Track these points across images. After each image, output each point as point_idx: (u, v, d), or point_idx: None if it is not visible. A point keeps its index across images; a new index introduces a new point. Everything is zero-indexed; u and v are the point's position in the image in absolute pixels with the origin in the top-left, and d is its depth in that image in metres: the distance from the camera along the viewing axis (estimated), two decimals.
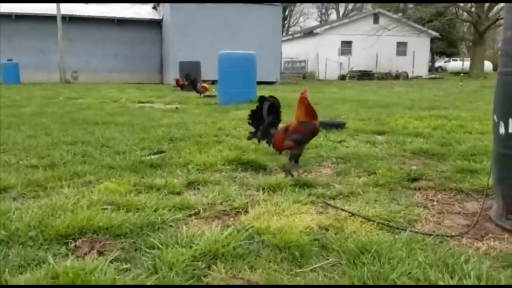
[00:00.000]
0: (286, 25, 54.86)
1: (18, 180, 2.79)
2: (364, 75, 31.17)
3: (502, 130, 2.14)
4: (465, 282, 1.52)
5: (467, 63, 31.63)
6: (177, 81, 15.17)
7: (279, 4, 24.19)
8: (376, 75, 28.50)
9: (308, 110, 3.06)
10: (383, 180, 2.91)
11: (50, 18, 22.72)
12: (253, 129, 3.45)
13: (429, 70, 38.25)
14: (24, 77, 20.11)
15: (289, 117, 3.51)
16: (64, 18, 22.81)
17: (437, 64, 47.06)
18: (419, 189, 2.80)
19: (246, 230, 1.97)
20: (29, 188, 2.67)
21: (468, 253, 1.81)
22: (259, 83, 10.36)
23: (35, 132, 4.83)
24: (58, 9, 21.97)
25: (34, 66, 22.48)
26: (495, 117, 2.22)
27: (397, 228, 2.07)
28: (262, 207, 2.31)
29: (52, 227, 1.94)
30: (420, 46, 33.40)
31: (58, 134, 4.70)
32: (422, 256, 1.70)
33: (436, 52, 43.59)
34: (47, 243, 1.83)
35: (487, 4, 30.99)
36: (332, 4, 57.61)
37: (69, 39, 23.12)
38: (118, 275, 1.57)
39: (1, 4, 22.25)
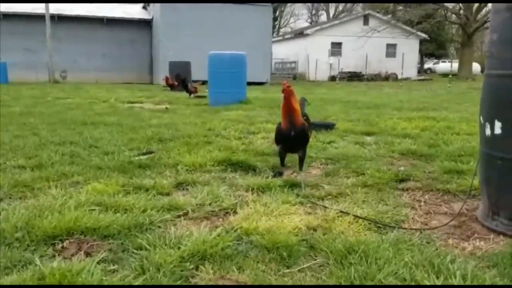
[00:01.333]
0: (277, 26, 54.97)
1: (5, 180, 2.76)
2: (354, 76, 31.32)
3: (488, 131, 2.17)
4: (450, 282, 1.54)
5: (455, 65, 31.96)
6: (166, 79, 15.11)
7: (270, 4, 24.22)
8: (365, 77, 28.65)
9: (284, 108, 2.94)
10: (372, 180, 2.93)
11: (39, 18, 22.50)
12: None
13: (418, 72, 38.56)
14: (12, 77, 19.89)
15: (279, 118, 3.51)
16: (53, 17, 22.59)
17: (426, 66, 47.48)
18: (407, 190, 2.82)
19: (235, 231, 1.97)
20: (16, 188, 2.64)
21: (454, 253, 1.83)
22: (249, 83, 10.37)
23: (22, 132, 4.78)
24: (47, 8, 21.76)
25: (22, 66, 22.23)
26: (481, 118, 2.25)
27: (387, 226, 2.09)
28: (251, 208, 2.32)
29: (39, 228, 1.92)
30: (409, 47, 33.67)
31: (46, 135, 4.66)
32: (409, 256, 1.72)
33: (425, 53, 43.95)
34: (34, 244, 1.82)
35: (475, 6, 31.32)
36: (322, 5, 57.81)
37: (58, 39, 22.90)
38: (105, 276, 1.57)
39: None
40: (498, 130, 2.10)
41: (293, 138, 2.91)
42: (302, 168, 3.04)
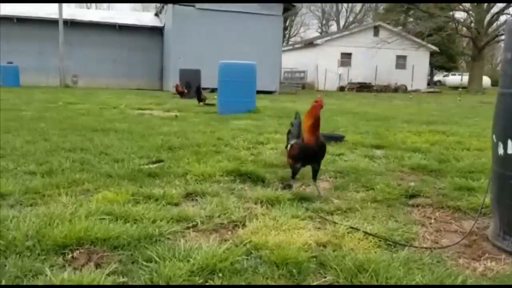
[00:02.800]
0: (287, 35, 55.13)
1: (16, 187, 2.78)
2: (363, 87, 31.28)
3: (501, 151, 2.15)
4: None
5: (465, 78, 31.83)
6: (176, 86, 15.24)
7: (280, 14, 24.31)
8: (375, 88, 28.62)
9: (313, 124, 2.86)
10: (381, 196, 2.91)
11: (51, 22, 22.79)
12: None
13: (428, 84, 38.43)
14: (23, 80, 20.13)
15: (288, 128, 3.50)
16: (66, 22, 22.87)
17: (435, 78, 47.33)
18: (417, 206, 2.79)
19: (244, 245, 1.96)
20: (27, 195, 2.65)
21: (465, 273, 1.81)
22: (258, 92, 10.38)
23: (33, 138, 4.82)
24: (60, 13, 22.04)
25: (33, 69, 22.50)
26: (494, 137, 2.23)
27: (397, 244, 2.07)
28: (260, 221, 2.31)
29: (50, 237, 1.93)
30: (419, 60, 33.65)
31: (57, 140, 4.69)
32: (420, 277, 1.70)
33: (435, 66, 43.83)
34: (44, 254, 1.82)
35: (486, 20, 31.26)
36: (333, 16, 58.02)
37: (70, 44, 23.15)
38: None
39: (3, 7, 22.36)
40: (511, 150, 2.08)
41: (316, 153, 2.92)
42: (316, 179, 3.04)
